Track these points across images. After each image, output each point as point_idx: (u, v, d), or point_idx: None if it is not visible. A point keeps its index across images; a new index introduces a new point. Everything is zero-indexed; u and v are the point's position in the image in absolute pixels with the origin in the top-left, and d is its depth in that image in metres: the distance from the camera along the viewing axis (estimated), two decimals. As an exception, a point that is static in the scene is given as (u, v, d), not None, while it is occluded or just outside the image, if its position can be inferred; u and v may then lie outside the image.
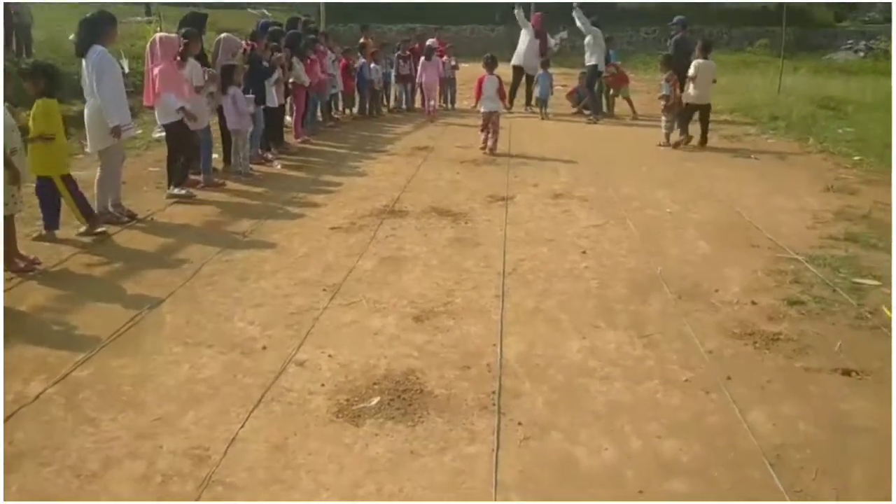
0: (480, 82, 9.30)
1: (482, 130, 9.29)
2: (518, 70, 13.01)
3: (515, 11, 12.99)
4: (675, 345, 3.86)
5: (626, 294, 4.57)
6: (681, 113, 9.59)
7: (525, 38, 12.87)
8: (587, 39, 11.93)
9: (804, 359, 3.71)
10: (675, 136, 9.52)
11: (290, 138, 9.55)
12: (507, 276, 4.86)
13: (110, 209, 5.84)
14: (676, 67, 9.68)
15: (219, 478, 2.74)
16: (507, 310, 4.30)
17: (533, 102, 12.72)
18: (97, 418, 3.12)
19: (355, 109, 12.23)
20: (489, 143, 9.13)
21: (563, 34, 13.75)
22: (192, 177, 6.98)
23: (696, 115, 9.54)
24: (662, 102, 9.62)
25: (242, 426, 3.07)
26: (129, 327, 3.99)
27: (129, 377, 3.48)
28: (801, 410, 3.24)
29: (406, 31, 24.85)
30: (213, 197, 6.77)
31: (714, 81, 9.65)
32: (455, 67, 13.35)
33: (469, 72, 13.58)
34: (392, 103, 13.08)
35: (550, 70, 12.54)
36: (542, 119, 12.14)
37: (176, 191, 6.54)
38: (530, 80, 13.01)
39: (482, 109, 9.26)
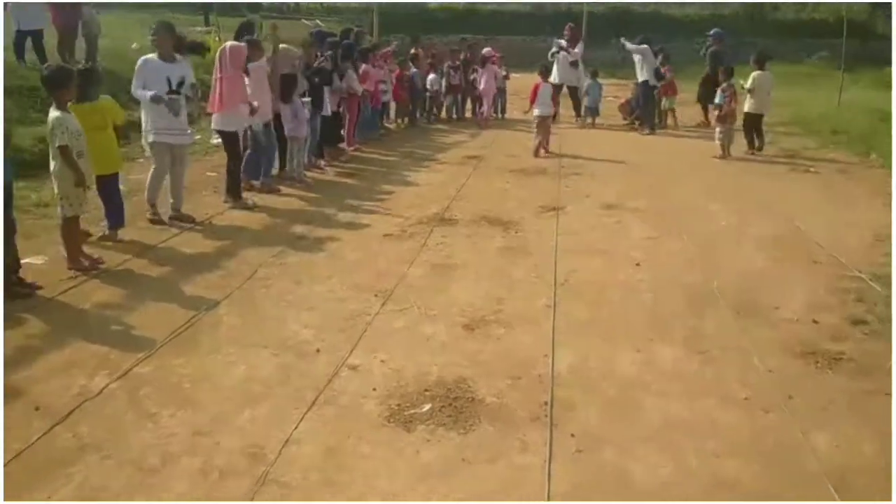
0: (536, 89, 9.72)
1: (536, 135, 9.65)
2: (556, 86, 12.99)
3: (552, 53, 12.94)
4: (733, 361, 3.77)
5: (682, 308, 4.48)
6: (744, 124, 9.68)
7: (560, 54, 12.81)
8: (636, 57, 11.73)
9: (867, 380, 3.58)
10: (734, 147, 9.48)
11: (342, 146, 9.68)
12: (559, 286, 4.82)
13: (153, 208, 6.06)
14: (713, 79, 10.08)
15: (274, 477, 2.78)
16: (559, 320, 4.27)
17: (583, 113, 12.59)
18: (157, 414, 3.21)
19: (407, 119, 12.32)
20: (543, 143, 9.58)
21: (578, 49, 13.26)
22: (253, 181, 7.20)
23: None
24: (716, 112, 9.51)
25: (296, 427, 3.11)
26: (187, 327, 4.09)
27: (188, 375, 3.56)
28: (865, 433, 3.13)
29: (458, 41, 25.05)
30: (269, 202, 6.90)
31: (768, 93, 9.56)
32: (506, 77, 13.32)
33: (519, 82, 13.57)
34: (444, 113, 13.14)
35: (601, 80, 12.46)
36: (588, 127, 12.01)
37: (231, 203, 6.66)
38: (574, 91, 12.98)
39: (536, 112, 9.66)
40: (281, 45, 7.58)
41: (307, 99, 7.77)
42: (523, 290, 4.78)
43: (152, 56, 5.98)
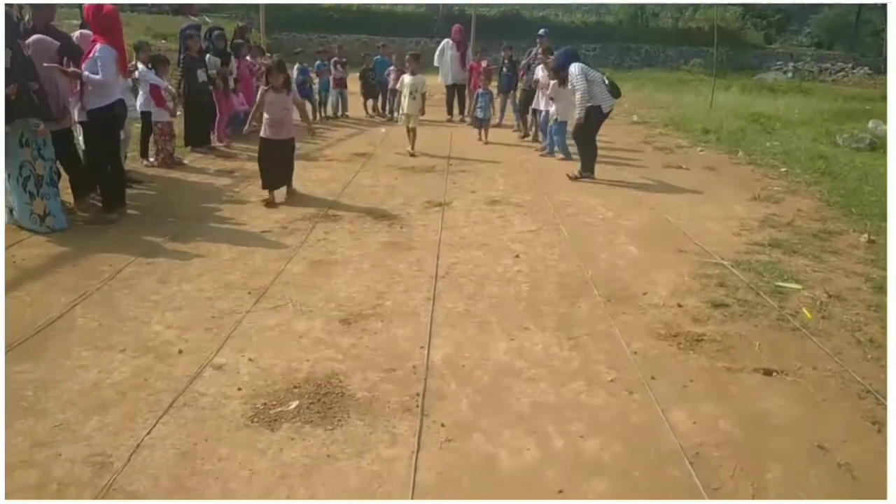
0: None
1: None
2: (450, 86, 13.34)
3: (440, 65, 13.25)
4: (602, 346, 3.87)
5: (557, 297, 4.56)
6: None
7: (448, 52, 13.06)
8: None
9: (726, 359, 3.76)
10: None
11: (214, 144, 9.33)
12: (440, 279, 4.80)
13: None
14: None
15: (119, 486, 2.58)
16: (437, 312, 4.24)
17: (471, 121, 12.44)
18: (-9, 426, 2.91)
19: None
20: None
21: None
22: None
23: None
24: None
25: (149, 432, 2.91)
26: (37, 332, 3.76)
27: (31, 383, 3.27)
28: (722, 409, 3.27)
29: (354, 41, 24.83)
30: (139, 198, 6.51)
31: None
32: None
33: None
34: (328, 109, 12.99)
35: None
36: (482, 141, 10.81)
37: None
38: (461, 90, 13.25)
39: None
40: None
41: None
42: (404, 283, 4.72)
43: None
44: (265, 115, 6.67)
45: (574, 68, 7.94)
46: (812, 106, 16.32)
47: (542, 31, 11.24)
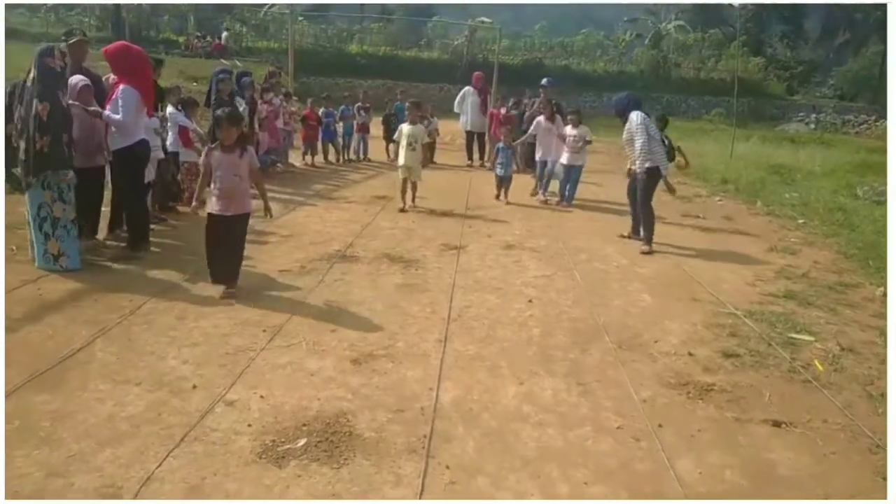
0: None
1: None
2: (469, 132, 13.75)
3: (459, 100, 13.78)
4: (611, 393, 3.88)
5: (568, 342, 4.59)
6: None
7: (468, 99, 13.53)
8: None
9: (735, 409, 3.75)
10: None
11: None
12: (452, 321, 4.86)
13: None
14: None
15: (128, 518, 2.63)
16: (448, 355, 4.29)
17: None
18: (10, 455, 2.99)
19: (318, 157, 12.40)
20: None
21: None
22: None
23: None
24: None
25: (159, 465, 2.97)
26: (58, 363, 3.87)
27: (49, 413, 3.35)
28: (729, 460, 3.26)
29: (380, 86, 25.41)
30: (162, 235, 6.69)
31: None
32: (436, 131, 13.79)
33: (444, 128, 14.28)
34: (351, 153, 13.28)
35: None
36: (501, 201, 9.78)
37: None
38: (480, 136, 13.67)
39: None
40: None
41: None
42: (417, 325, 4.78)
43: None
44: (212, 184, 5.14)
45: (636, 117, 7.31)
46: (833, 158, 16.33)
47: (545, 80, 11.05)
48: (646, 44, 36.30)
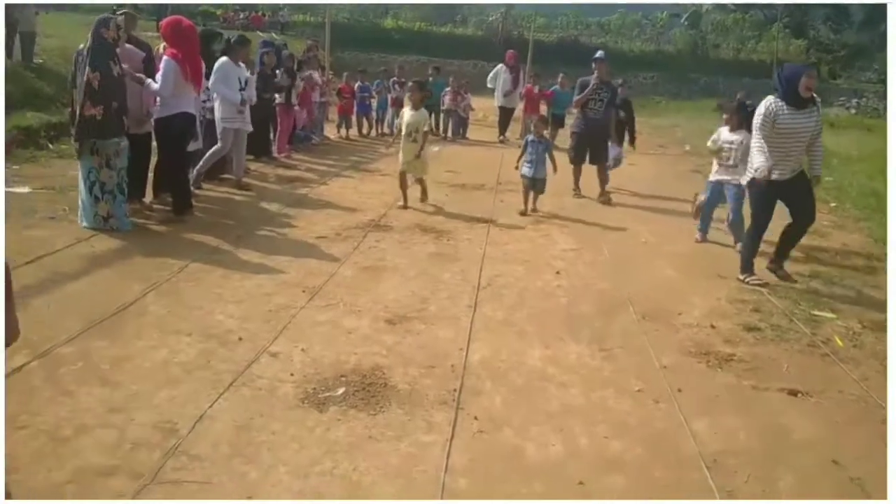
0: None
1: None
2: (501, 109, 13.97)
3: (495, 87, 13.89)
4: (633, 359, 4.05)
5: (593, 312, 4.76)
6: None
7: (501, 76, 13.70)
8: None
9: (753, 378, 3.90)
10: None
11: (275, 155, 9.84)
12: (482, 289, 5.06)
13: (198, 178, 7.30)
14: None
15: (184, 449, 2.89)
16: (477, 319, 4.49)
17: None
18: (75, 391, 3.27)
19: (353, 130, 12.63)
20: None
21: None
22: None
23: None
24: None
25: (211, 406, 3.23)
26: (114, 314, 4.15)
27: (108, 357, 3.63)
28: (744, 423, 3.42)
29: (414, 61, 25.48)
30: (205, 201, 6.97)
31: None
32: (469, 107, 13.95)
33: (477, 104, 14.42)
34: (384, 127, 13.48)
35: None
36: (528, 212, 7.65)
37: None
38: (509, 112, 13.87)
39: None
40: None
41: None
42: (448, 291, 4.99)
43: (227, 60, 7.44)
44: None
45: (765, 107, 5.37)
46: (872, 143, 16.04)
47: (599, 53, 9.27)
48: (683, 23, 35.70)
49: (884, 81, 37.11)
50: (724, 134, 6.71)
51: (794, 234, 5.65)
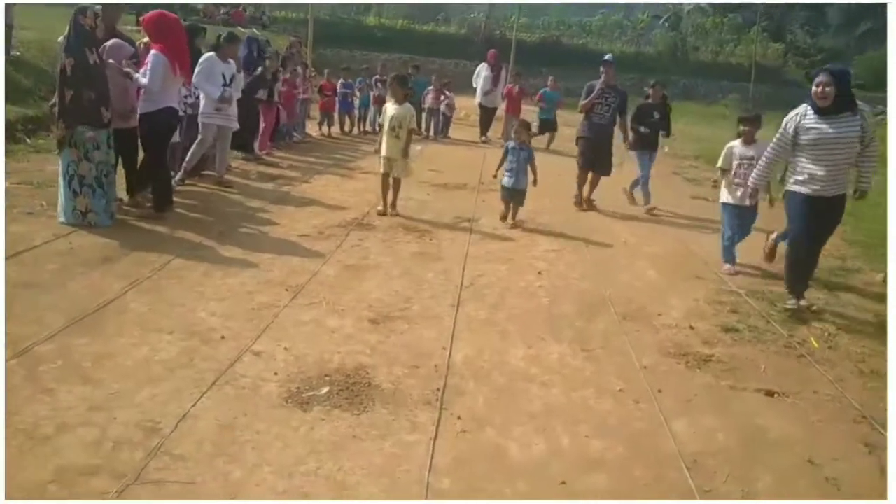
0: None
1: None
2: (482, 108, 13.95)
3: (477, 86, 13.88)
4: (614, 359, 4.10)
5: (575, 312, 4.81)
6: None
7: (482, 74, 13.71)
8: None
9: (731, 378, 3.97)
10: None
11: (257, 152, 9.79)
12: (464, 288, 5.08)
13: (185, 174, 7.37)
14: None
15: (167, 449, 2.88)
16: (460, 318, 4.52)
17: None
18: (55, 389, 3.24)
19: (335, 128, 12.61)
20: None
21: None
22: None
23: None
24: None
25: (194, 405, 3.21)
26: (94, 311, 4.11)
27: (89, 355, 3.60)
28: (722, 423, 3.48)
29: (397, 59, 25.44)
30: (186, 196, 6.92)
31: None
32: (452, 106, 13.99)
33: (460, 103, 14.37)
34: (367, 125, 13.47)
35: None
36: (507, 222, 7.22)
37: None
38: (492, 112, 13.90)
39: None
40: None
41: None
42: (431, 290, 5.01)
43: (213, 55, 7.51)
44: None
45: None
46: (847, 147, 16.33)
47: (608, 56, 8.70)
48: (664, 25, 36.02)
49: (861, 86, 37.75)
50: (739, 149, 6.16)
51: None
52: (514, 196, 7.11)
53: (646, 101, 8.69)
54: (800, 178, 4.99)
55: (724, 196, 6.28)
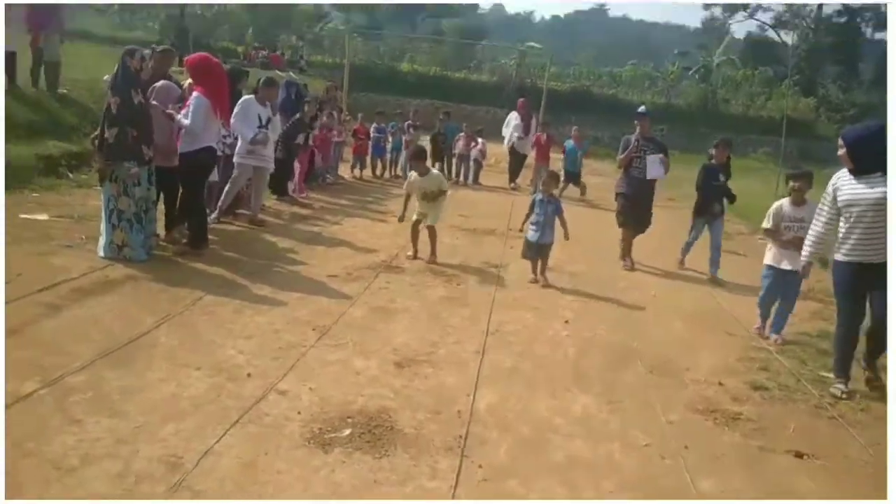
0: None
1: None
2: (511, 155, 14.13)
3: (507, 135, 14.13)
4: (641, 413, 4.04)
5: (602, 363, 4.77)
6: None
7: (513, 123, 13.96)
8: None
9: (760, 438, 3.88)
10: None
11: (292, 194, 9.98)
12: (490, 335, 5.08)
13: (220, 213, 7.62)
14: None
15: (188, 484, 2.89)
16: (485, 365, 4.50)
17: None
18: (83, 420, 3.29)
19: (367, 171, 12.83)
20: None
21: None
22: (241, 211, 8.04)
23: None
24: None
25: (218, 441, 3.23)
26: (126, 344, 4.18)
27: (118, 388, 3.66)
28: (750, 484, 3.40)
29: (428, 105, 25.92)
30: (221, 235, 7.05)
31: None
32: (482, 152, 14.14)
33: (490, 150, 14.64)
34: (398, 170, 13.66)
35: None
36: (537, 281, 6.81)
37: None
38: (520, 158, 14.06)
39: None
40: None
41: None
42: (456, 336, 5.01)
43: (251, 98, 7.77)
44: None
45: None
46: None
47: (641, 108, 8.73)
48: (692, 76, 36.21)
49: None
50: (788, 209, 5.75)
51: (869, 334, 4.75)
52: (540, 251, 6.77)
53: (709, 161, 7.95)
54: (842, 245, 4.72)
55: (769, 258, 5.89)
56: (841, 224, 4.74)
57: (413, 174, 7.26)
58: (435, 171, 7.34)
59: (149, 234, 5.95)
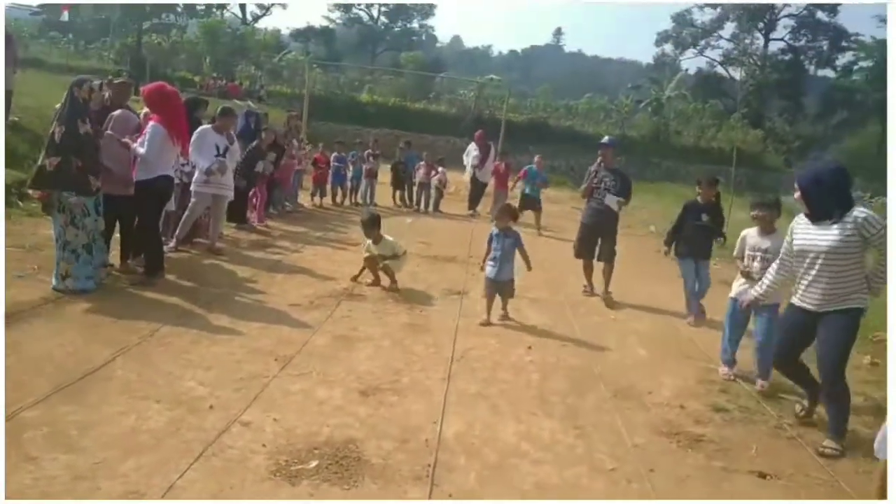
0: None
1: None
2: (472, 179, 14.40)
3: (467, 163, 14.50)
4: (606, 437, 4.08)
5: (565, 388, 4.80)
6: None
7: (472, 153, 14.29)
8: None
9: (723, 459, 3.95)
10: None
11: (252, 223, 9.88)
12: (455, 361, 5.07)
13: (177, 242, 7.48)
14: None
15: (151, 521, 2.81)
16: (451, 392, 4.49)
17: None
18: (39, 458, 3.17)
19: (326, 199, 12.83)
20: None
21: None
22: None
23: None
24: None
25: (181, 476, 3.15)
26: (81, 377, 4.05)
27: (75, 423, 3.53)
28: (714, 505, 3.44)
29: (388, 135, 26.07)
30: (178, 264, 6.92)
31: None
32: (442, 181, 14.31)
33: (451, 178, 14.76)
34: (357, 197, 13.68)
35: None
36: (489, 322, 6.28)
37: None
38: (480, 186, 14.33)
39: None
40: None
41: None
42: (421, 363, 4.99)
43: (208, 127, 7.66)
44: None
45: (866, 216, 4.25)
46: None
47: (606, 139, 8.25)
48: (645, 108, 37.27)
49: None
50: (753, 238, 5.45)
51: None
52: (500, 289, 6.34)
53: (695, 200, 7.28)
54: (797, 288, 4.44)
55: (734, 288, 5.57)
56: (798, 268, 4.45)
57: (368, 242, 7.18)
58: (389, 237, 7.25)
59: (97, 265, 5.80)
